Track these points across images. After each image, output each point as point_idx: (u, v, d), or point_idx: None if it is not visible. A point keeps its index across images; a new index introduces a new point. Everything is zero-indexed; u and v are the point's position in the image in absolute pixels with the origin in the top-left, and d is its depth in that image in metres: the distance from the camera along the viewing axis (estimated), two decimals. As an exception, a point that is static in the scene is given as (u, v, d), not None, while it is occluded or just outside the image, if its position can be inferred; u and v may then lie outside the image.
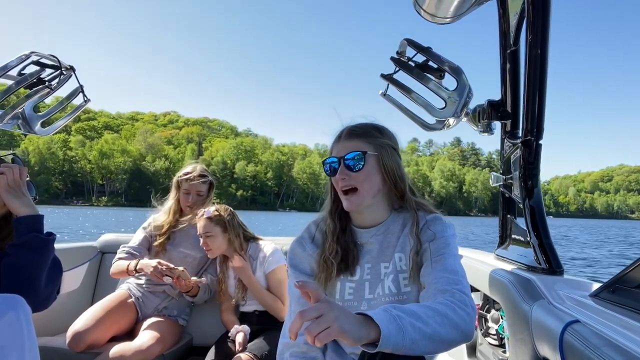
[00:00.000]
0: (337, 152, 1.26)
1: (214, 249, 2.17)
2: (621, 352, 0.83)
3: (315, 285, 0.90)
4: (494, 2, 1.72)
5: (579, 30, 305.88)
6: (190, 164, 2.51)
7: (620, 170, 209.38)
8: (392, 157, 1.27)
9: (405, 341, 0.88)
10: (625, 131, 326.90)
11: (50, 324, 2.21)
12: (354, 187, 1.24)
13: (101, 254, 2.68)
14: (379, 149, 1.25)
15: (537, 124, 1.50)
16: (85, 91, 2.18)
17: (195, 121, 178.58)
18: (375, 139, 1.26)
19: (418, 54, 1.74)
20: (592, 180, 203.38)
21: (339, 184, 1.25)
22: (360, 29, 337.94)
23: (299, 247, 1.36)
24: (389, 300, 1.23)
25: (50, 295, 1.37)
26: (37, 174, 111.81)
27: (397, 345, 0.87)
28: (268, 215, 55.30)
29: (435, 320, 0.95)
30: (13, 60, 1.85)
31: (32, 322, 1.17)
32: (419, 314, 0.94)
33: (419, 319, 0.93)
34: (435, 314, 0.96)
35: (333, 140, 1.31)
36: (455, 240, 1.24)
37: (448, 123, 1.80)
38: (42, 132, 2.12)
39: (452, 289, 1.07)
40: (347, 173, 1.23)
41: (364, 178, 1.23)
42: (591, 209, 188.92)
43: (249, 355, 1.89)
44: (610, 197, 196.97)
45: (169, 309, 2.34)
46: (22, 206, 1.34)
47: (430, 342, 0.92)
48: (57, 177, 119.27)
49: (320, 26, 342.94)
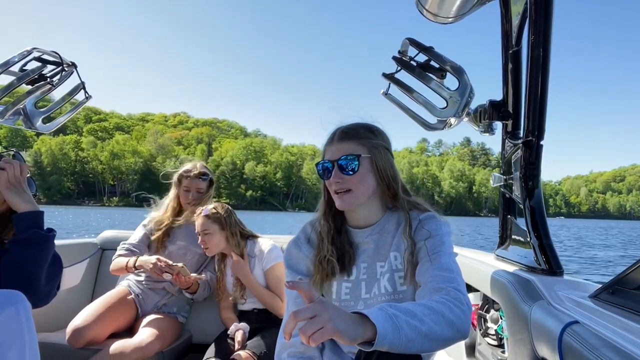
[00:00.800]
0: (331, 154, 1.25)
1: (212, 247, 2.18)
2: (620, 353, 0.83)
3: (308, 285, 0.90)
4: (496, 2, 1.72)
5: (587, 26, 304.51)
6: (190, 162, 2.51)
7: (633, 170, 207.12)
8: (385, 158, 1.27)
9: (402, 339, 0.88)
10: (637, 130, 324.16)
11: (50, 320, 2.21)
12: (348, 189, 1.23)
13: (101, 250, 2.68)
14: (372, 150, 1.25)
15: (538, 125, 1.50)
16: (87, 88, 2.18)
17: (205, 122, 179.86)
18: (368, 140, 1.25)
19: (420, 54, 1.74)
20: (604, 181, 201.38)
21: (332, 187, 1.25)
22: (371, 29, 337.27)
23: (295, 247, 1.37)
24: (386, 299, 1.24)
25: (51, 291, 1.38)
26: (49, 175, 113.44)
27: (393, 343, 0.87)
28: (277, 215, 55.28)
29: (431, 318, 0.95)
30: (15, 56, 1.85)
31: (32, 317, 1.17)
32: (414, 312, 0.94)
33: (415, 317, 0.93)
34: (431, 312, 0.96)
35: (325, 142, 1.30)
36: (450, 238, 1.24)
37: (449, 123, 1.80)
38: (43, 129, 2.12)
39: (447, 287, 1.08)
40: (341, 176, 1.22)
41: (359, 180, 1.23)
42: (603, 209, 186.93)
43: (248, 353, 1.89)
44: (623, 198, 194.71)
45: (168, 306, 2.34)
46: (22, 202, 1.34)
47: (426, 340, 0.93)
48: (69, 177, 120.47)
49: (330, 26, 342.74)
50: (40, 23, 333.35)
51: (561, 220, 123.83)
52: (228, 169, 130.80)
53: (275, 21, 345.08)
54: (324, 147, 1.31)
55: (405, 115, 1.90)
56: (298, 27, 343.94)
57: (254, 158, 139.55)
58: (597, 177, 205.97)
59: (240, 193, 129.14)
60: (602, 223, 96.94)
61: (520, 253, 1.67)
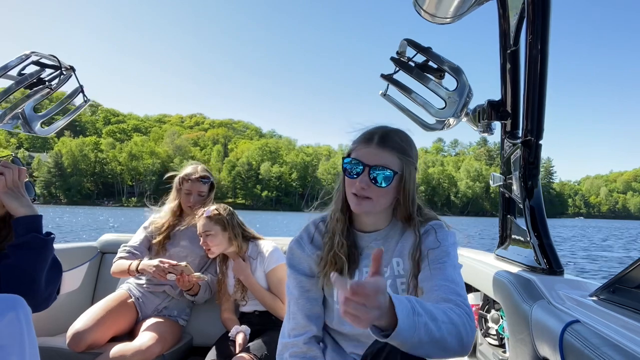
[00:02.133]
0: (366, 157, 1.19)
1: (214, 248, 2.18)
2: (621, 352, 0.83)
3: (346, 280, 0.83)
4: (494, 2, 1.72)
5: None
6: (191, 165, 2.51)
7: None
8: (413, 179, 1.24)
9: (414, 340, 0.87)
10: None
11: (50, 324, 2.21)
12: (369, 197, 1.20)
13: (101, 254, 2.68)
14: (405, 168, 1.21)
15: (537, 124, 1.50)
16: (89, 91, 2.18)
17: (221, 123, 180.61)
18: (404, 156, 1.21)
19: (418, 54, 1.74)
20: (624, 180, 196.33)
21: (354, 188, 1.20)
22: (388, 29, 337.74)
23: (298, 247, 1.36)
24: None
25: (50, 295, 1.37)
26: (69, 176, 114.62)
27: (404, 340, 0.86)
28: (293, 216, 55.21)
29: (447, 327, 0.94)
30: (13, 60, 1.85)
31: (32, 322, 1.17)
32: (436, 316, 0.93)
33: (435, 321, 0.92)
34: (449, 322, 0.96)
35: (360, 138, 1.24)
36: (455, 250, 1.23)
37: (448, 123, 1.80)
38: (42, 132, 2.12)
39: (456, 299, 1.07)
40: (369, 184, 1.18)
41: (383, 194, 1.20)
42: (624, 209, 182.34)
43: (250, 355, 1.89)
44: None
45: (169, 309, 2.34)
46: (20, 207, 1.34)
47: (433, 346, 0.92)
48: (89, 178, 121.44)
49: (345, 26, 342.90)
50: (55, 26, 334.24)
51: (581, 221, 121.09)
52: (244, 169, 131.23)
53: (290, 22, 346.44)
54: (357, 142, 1.24)
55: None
56: (314, 27, 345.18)
57: (270, 159, 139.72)
58: (618, 177, 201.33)
59: (255, 194, 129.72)
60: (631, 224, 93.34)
61: (521, 253, 1.67)
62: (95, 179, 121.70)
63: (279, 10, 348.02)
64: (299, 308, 1.30)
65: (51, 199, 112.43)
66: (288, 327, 1.32)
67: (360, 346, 1.28)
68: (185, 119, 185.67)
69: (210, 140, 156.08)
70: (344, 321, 1.28)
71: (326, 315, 1.34)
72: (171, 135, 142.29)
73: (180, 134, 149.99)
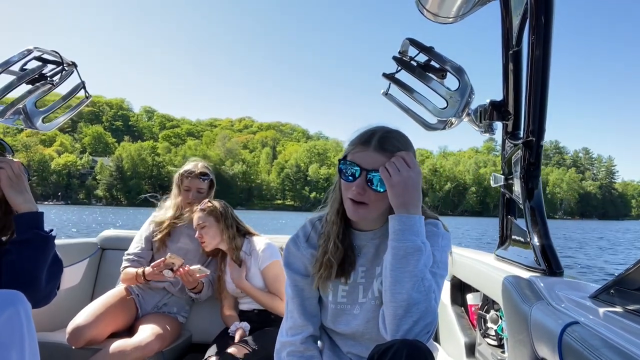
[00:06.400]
0: (364, 161, 1.15)
1: (208, 241, 2.20)
2: (620, 353, 0.83)
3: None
4: (496, 3, 1.72)
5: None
6: (192, 162, 2.52)
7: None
8: None
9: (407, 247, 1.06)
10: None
11: (50, 319, 2.21)
12: (366, 203, 1.17)
13: (101, 250, 2.68)
14: None
15: (538, 125, 1.50)
16: (89, 88, 2.18)
17: (269, 125, 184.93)
18: None
19: (420, 54, 1.74)
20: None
21: (350, 193, 1.17)
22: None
23: (294, 246, 1.34)
24: (376, 302, 1.22)
25: (51, 291, 1.38)
26: (129, 179, 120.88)
27: (407, 237, 1.07)
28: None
29: (428, 284, 1.06)
30: (15, 55, 1.85)
31: (32, 317, 1.17)
32: (437, 260, 1.13)
33: (434, 264, 1.11)
34: (429, 288, 1.07)
35: (356, 140, 1.20)
36: (444, 253, 1.19)
37: (450, 123, 1.80)
38: (43, 128, 2.12)
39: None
40: (366, 189, 1.15)
41: (380, 198, 1.16)
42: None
43: (243, 346, 1.90)
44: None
45: (168, 305, 2.34)
46: (24, 202, 1.34)
47: (410, 280, 1.04)
48: (147, 181, 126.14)
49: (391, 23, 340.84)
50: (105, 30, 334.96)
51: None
52: (292, 171, 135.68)
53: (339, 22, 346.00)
54: (354, 144, 1.20)
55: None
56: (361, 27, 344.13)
57: (317, 160, 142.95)
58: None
59: (304, 195, 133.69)
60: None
61: (520, 253, 1.67)
62: (152, 181, 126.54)
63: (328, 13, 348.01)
64: (296, 307, 1.30)
65: (112, 200, 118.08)
66: (286, 326, 1.32)
67: (357, 345, 1.27)
68: (234, 122, 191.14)
69: (259, 143, 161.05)
70: (338, 320, 1.28)
71: (322, 315, 1.34)
72: (222, 139, 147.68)
73: (231, 137, 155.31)
